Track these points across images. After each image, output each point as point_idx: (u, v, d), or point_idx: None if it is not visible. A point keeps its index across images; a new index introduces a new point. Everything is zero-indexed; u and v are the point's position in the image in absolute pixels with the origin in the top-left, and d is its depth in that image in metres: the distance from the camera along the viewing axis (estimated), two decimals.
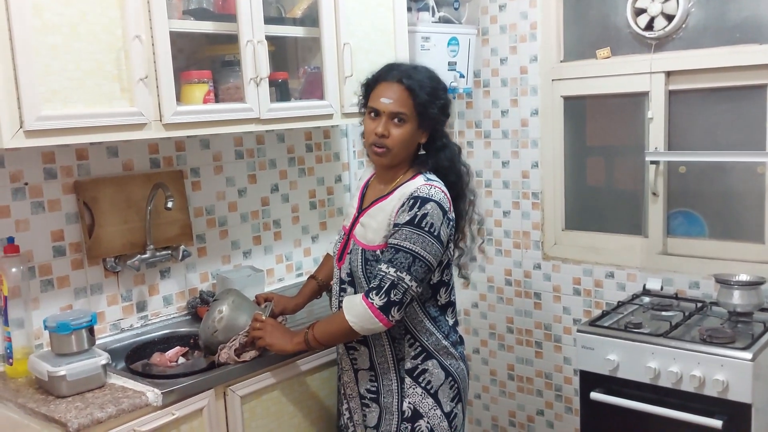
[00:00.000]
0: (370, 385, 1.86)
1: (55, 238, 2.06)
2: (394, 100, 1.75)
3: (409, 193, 1.74)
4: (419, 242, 1.70)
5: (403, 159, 1.81)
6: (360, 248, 1.80)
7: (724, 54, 2.48)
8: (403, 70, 1.79)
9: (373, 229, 1.78)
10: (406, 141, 1.77)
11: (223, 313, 1.98)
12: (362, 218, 1.84)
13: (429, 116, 1.77)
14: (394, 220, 1.74)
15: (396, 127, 1.75)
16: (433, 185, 1.75)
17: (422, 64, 1.88)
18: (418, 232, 1.70)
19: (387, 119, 1.75)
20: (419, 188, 1.73)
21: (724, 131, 2.57)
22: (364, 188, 1.94)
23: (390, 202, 1.78)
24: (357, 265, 1.80)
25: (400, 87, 1.75)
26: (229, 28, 2.09)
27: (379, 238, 1.77)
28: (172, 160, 2.33)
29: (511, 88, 3.02)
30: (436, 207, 1.72)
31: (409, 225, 1.71)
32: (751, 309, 2.31)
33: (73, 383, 1.73)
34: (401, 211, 1.73)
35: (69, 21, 1.71)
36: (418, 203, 1.71)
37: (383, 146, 1.76)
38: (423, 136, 1.81)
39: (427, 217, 1.70)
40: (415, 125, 1.77)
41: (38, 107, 1.67)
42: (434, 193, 1.73)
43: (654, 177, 2.68)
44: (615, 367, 2.25)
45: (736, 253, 2.55)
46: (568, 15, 2.87)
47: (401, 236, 1.71)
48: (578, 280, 2.92)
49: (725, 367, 2.05)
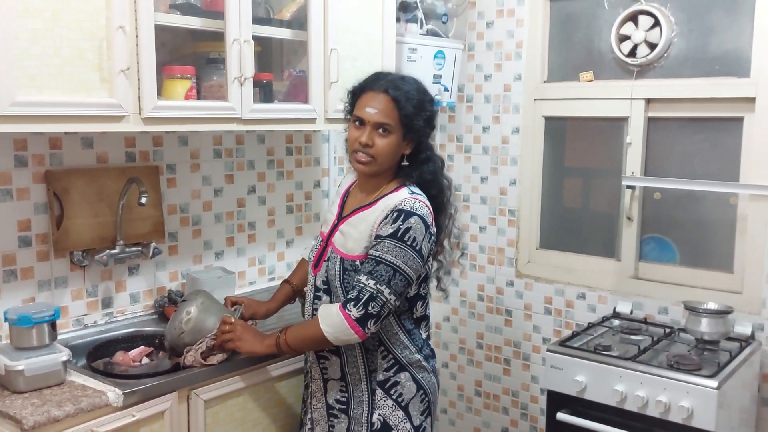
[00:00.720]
0: (340, 396, 1.83)
1: (22, 227, 2.00)
2: (379, 111, 1.73)
3: (393, 206, 1.72)
4: (401, 256, 1.68)
5: (387, 169, 1.80)
6: (338, 257, 1.78)
7: (703, 85, 2.52)
8: (390, 80, 1.78)
9: (354, 238, 1.76)
10: (390, 152, 1.75)
11: (191, 315, 1.93)
12: (342, 226, 1.82)
13: (414, 128, 1.76)
14: (376, 231, 1.72)
15: (380, 137, 1.74)
16: (418, 199, 1.74)
17: (410, 75, 1.87)
18: (401, 246, 1.68)
19: (372, 129, 1.74)
20: (404, 201, 1.72)
21: (700, 160, 2.61)
22: (345, 195, 1.92)
23: (373, 212, 1.76)
24: (334, 273, 1.78)
25: (386, 97, 1.74)
26: (215, 26, 2.06)
27: (359, 248, 1.75)
28: (149, 155, 2.28)
29: (494, 105, 3.04)
30: (420, 221, 1.71)
31: (391, 238, 1.69)
32: (718, 337, 2.34)
33: (31, 379, 1.67)
34: (384, 222, 1.71)
35: (52, 6, 1.67)
36: (402, 216, 1.70)
37: (367, 155, 1.75)
38: (407, 147, 1.80)
39: (410, 231, 1.69)
40: (400, 136, 1.76)
41: (13, 92, 1.62)
42: (418, 207, 1.72)
43: (629, 201, 2.71)
44: (582, 388, 2.25)
45: (706, 281, 2.58)
46: (553, 37, 2.90)
47: (383, 249, 1.69)
48: (550, 300, 2.93)
49: (691, 393, 2.07)
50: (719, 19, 2.50)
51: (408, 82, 1.79)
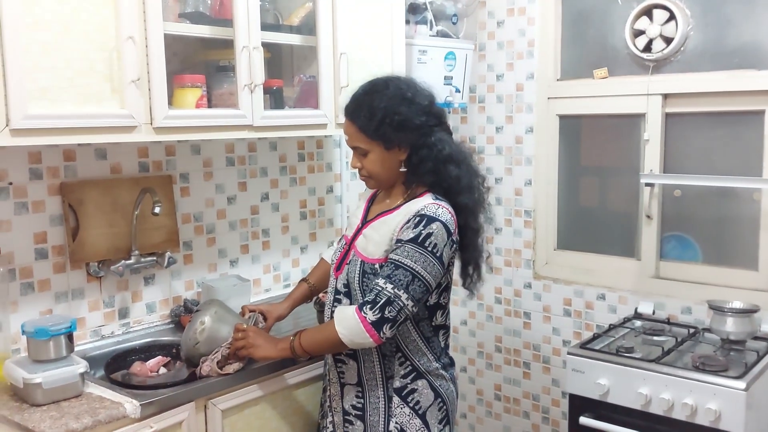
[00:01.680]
0: (356, 401, 1.81)
1: (38, 240, 2.00)
2: (349, 136, 1.76)
3: (415, 211, 1.70)
4: (421, 261, 1.66)
5: (390, 179, 1.79)
6: (359, 260, 1.76)
7: (722, 78, 2.47)
8: (353, 99, 1.76)
9: (375, 241, 1.74)
10: (378, 167, 1.75)
11: (205, 325, 1.93)
12: (365, 230, 1.80)
13: (387, 137, 1.71)
14: (397, 235, 1.70)
15: (362, 158, 1.76)
16: (441, 205, 1.71)
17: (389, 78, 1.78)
18: (421, 251, 1.66)
19: (355, 152, 1.78)
20: (427, 206, 1.70)
21: (720, 156, 2.56)
22: (370, 200, 1.91)
23: (395, 217, 1.74)
24: (354, 276, 1.76)
25: (347, 121, 1.76)
26: (225, 33, 2.05)
27: (380, 252, 1.73)
28: (162, 165, 2.28)
29: (507, 105, 3.00)
30: (442, 228, 1.68)
31: (412, 242, 1.67)
32: (745, 337, 2.29)
33: (49, 391, 1.67)
34: (406, 227, 1.69)
35: (61, 18, 1.67)
36: (424, 221, 1.67)
37: (363, 176, 1.79)
38: (401, 154, 1.74)
39: (431, 237, 1.66)
40: (382, 149, 1.73)
41: (26, 105, 1.62)
42: (441, 213, 1.69)
43: (648, 199, 2.66)
44: (605, 391, 2.21)
45: (730, 279, 2.53)
46: (566, 34, 2.86)
47: (403, 253, 1.67)
48: (569, 301, 2.89)
49: (718, 395, 2.02)
50: (736, 10, 2.45)
51: (371, 93, 1.73)
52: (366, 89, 1.76)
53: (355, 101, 1.76)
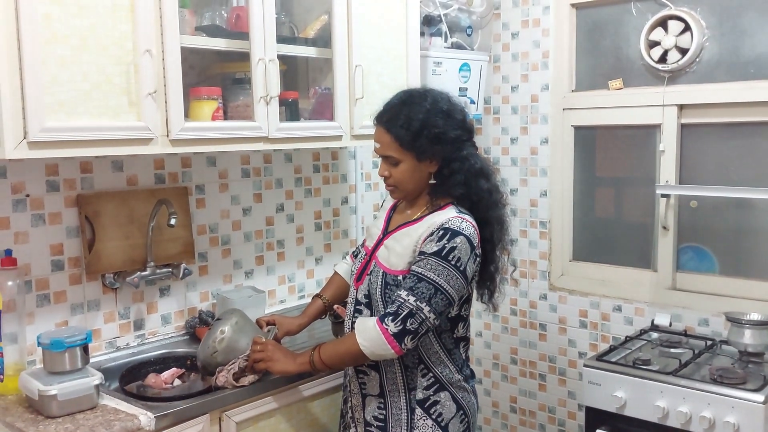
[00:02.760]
0: (378, 413, 1.80)
1: (54, 251, 2.02)
2: (381, 144, 1.75)
3: (439, 223, 1.69)
4: (444, 275, 1.65)
5: (416, 191, 1.78)
6: (381, 271, 1.76)
7: (737, 89, 2.46)
8: (388, 108, 1.76)
9: (398, 253, 1.74)
10: (407, 178, 1.74)
11: (225, 334, 1.92)
12: (387, 241, 1.80)
13: (422, 149, 1.71)
14: (420, 247, 1.70)
15: (392, 167, 1.75)
16: (465, 219, 1.70)
17: (424, 89, 1.80)
18: (444, 265, 1.66)
19: (383, 161, 1.77)
20: (450, 220, 1.69)
21: (736, 167, 2.53)
22: (391, 211, 1.90)
23: (418, 228, 1.74)
24: (376, 287, 1.75)
25: (381, 129, 1.74)
26: (241, 46, 2.07)
27: (402, 263, 1.72)
28: (178, 177, 2.29)
29: (522, 116, 3.00)
30: (466, 242, 1.67)
31: (435, 256, 1.66)
32: (763, 349, 2.26)
33: (64, 403, 1.67)
34: (429, 240, 1.69)
35: (79, 33, 1.69)
36: (448, 235, 1.67)
37: (390, 185, 1.78)
38: (432, 166, 1.75)
39: (455, 251, 1.66)
40: (413, 160, 1.73)
41: (43, 118, 1.64)
42: (465, 227, 1.69)
43: (664, 210, 2.64)
44: (622, 404, 2.19)
45: (747, 290, 2.50)
46: (580, 45, 2.86)
47: (426, 266, 1.66)
48: (585, 313, 2.87)
49: (736, 409, 1.99)
50: (752, 21, 2.44)
51: (410, 104, 1.73)
52: (403, 99, 1.76)
53: (390, 110, 1.75)
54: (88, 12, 1.70)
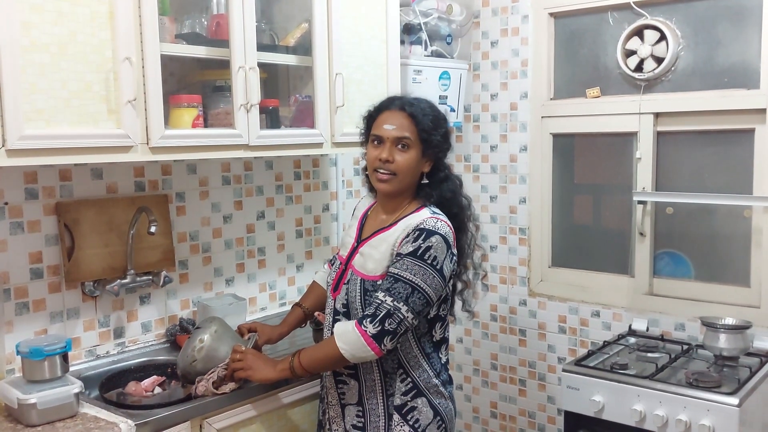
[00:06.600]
0: (357, 421, 1.81)
1: (33, 260, 2.01)
2: (397, 126, 1.76)
3: (414, 225, 1.72)
4: (420, 274, 1.67)
5: (407, 187, 1.80)
6: (359, 278, 1.77)
7: (712, 97, 2.51)
8: (405, 99, 1.82)
9: (375, 259, 1.75)
10: (410, 167, 1.76)
11: (204, 343, 1.92)
12: (362, 248, 1.81)
13: (432, 144, 1.78)
14: (397, 250, 1.72)
15: (400, 152, 1.76)
16: (439, 219, 1.74)
17: (423, 97, 1.90)
18: (420, 264, 1.68)
19: (391, 145, 1.76)
20: (425, 221, 1.72)
21: (711, 174, 2.58)
22: (363, 218, 1.91)
23: (393, 233, 1.76)
24: (355, 295, 1.77)
25: (403, 114, 1.77)
26: (221, 54, 2.07)
27: (380, 269, 1.74)
28: (158, 184, 2.29)
29: (501, 124, 3.03)
30: (441, 241, 1.70)
31: (411, 256, 1.69)
32: (737, 353, 2.30)
33: (43, 412, 1.66)
34: (405, 241, 1.71)
35: (58, 40, 1.69)
36: (424, 235, 1.69)
37: (388, 172, 1.76)
38: (426, 165, 1.80)
39: (431, 250, 1.68)
40: (419, 152, 1.77)
41: (22, 126, 1.63)
42: (440, 227, 1.71)
43: (641, 217, 2.68)
44: (600, 408, 2.21)
45: (722, 296, 2.54)
46: (559, 54, 2.90)
47: (402, 266, 1.69)
48: (564, 318, 2.90)
49: (711, 411, 2.03)
50: (726, 31, 2.49)
51: (422, 101, 1.83)
52: (417, 97, 1.84)
53: (413, 101, 1.81)
54: (68, 20, 1.70)
